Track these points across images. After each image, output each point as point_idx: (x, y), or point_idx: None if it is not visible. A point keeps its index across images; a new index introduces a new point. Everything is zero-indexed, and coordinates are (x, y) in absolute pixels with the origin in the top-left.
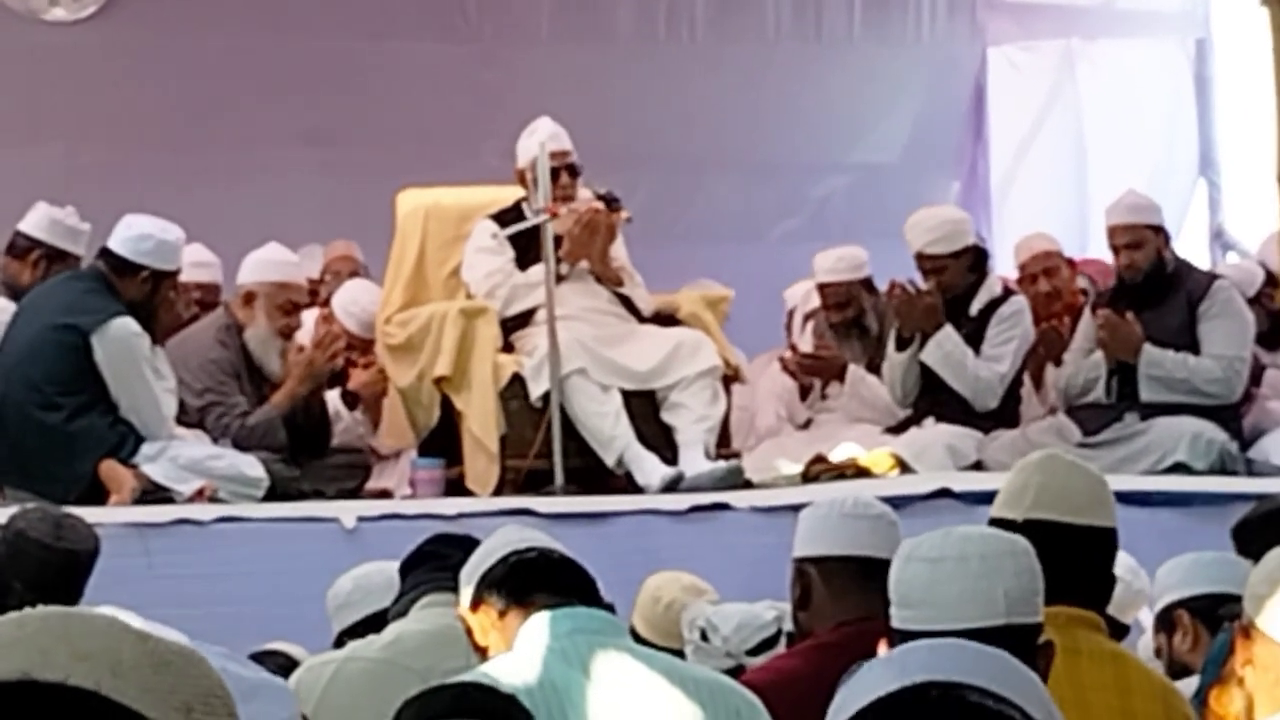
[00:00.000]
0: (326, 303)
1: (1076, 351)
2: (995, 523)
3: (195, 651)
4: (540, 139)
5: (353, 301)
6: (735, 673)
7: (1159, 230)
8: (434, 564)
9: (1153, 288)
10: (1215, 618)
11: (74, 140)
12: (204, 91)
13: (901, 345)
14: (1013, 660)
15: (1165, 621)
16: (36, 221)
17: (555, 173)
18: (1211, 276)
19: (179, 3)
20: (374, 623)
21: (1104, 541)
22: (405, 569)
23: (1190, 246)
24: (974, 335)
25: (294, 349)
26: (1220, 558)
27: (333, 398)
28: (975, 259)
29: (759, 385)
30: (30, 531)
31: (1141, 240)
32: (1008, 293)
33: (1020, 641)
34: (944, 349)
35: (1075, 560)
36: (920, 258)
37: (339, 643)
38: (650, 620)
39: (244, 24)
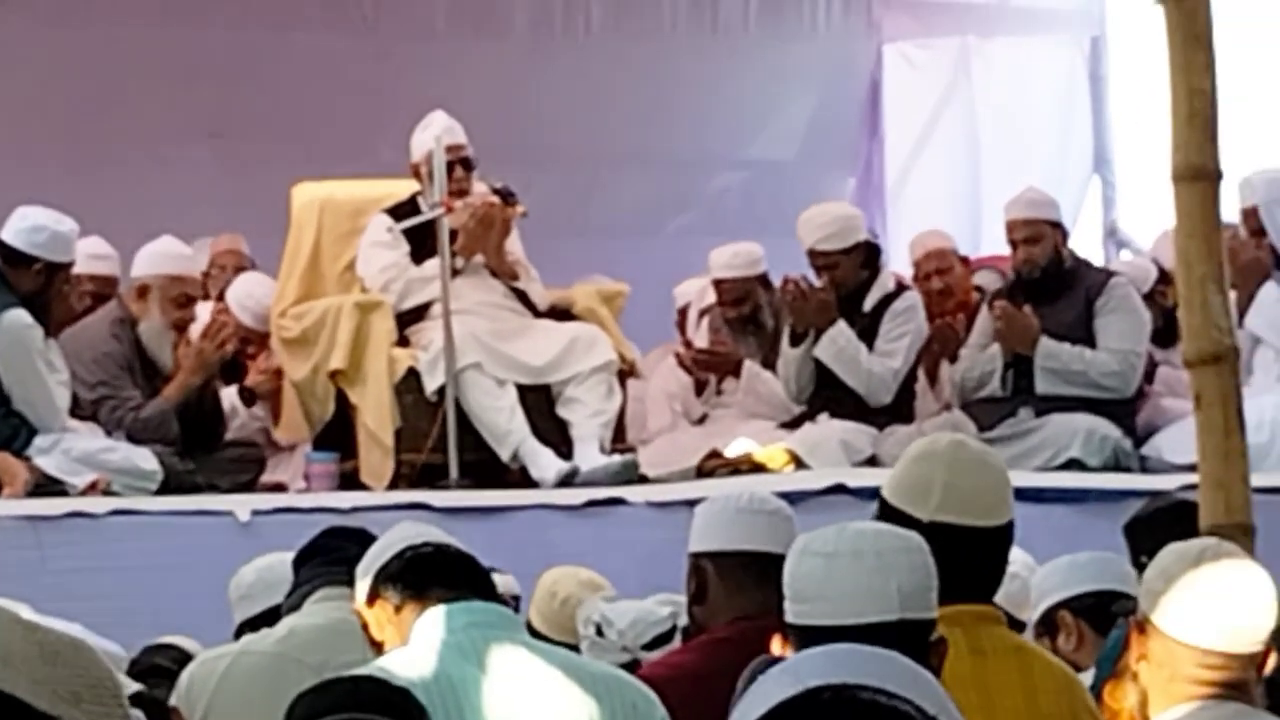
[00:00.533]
0: (220, 296)
1: (973, 346)
2: (895, 514)
3: (84, 642)
4: (435, 133)
5: (247, 295)
6: (631, 667)
7: (1057, 226)
8: (327, 557)
9: (1050, 283)
10: (1098, 615)
11: None
12: (100, 83)
13: (795, 341)
14: (906, 660)
15: (1048, 624)
16: None
17: (450, 166)
18: (1108, 273)
19: None
20: (274, 615)
21: (1005, 537)
22: (299, 562)
23: (1084, 243)
24: (868, 331)
25: (184, 342)
26: (1096, 557)
27: (229, 394)
28: (867, 255)
29: (652, 381)
30: None
31: (1039, 235)
32: (900, 288)
33: (913, 637)
34: (837, 345)
35: (977, 559)
36: (812, 254)
37: (239, 634)
38: (546, 615)
39: (139, 15)
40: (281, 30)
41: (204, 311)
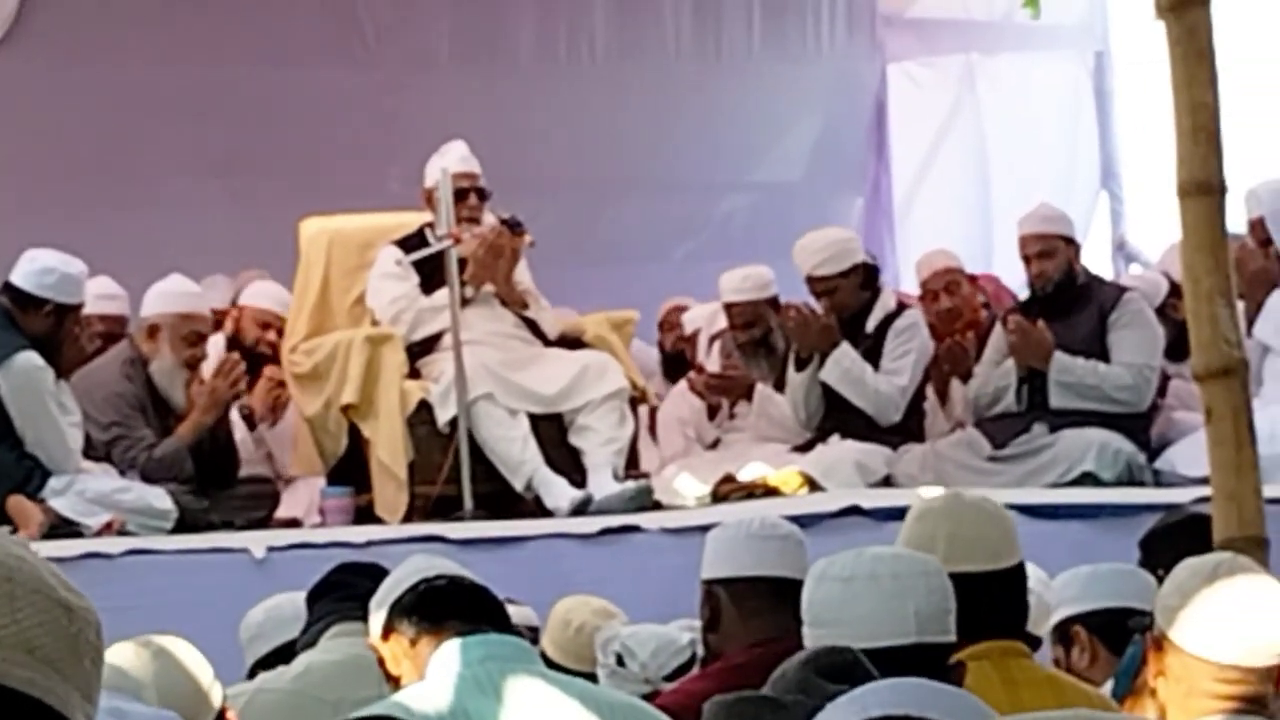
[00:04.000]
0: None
1: (987, 363)
2: None
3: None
4: (443, 163)
5: (260, 288)
6: (650, 697)
7: (1070, 241)
8: (341, 593)
9: (1063, 298)
10: (1112, 633)
11: None
12: (106, 122)
13: (801, 366)
14: (971, 698)
15: (1062, 635)
16: None
17: (464, 193)
18: (1121, 288)
19: (80, 34)
20: (286, 653)
21: (1017, 576)
22: (312, 598)
23: (1093, 258)
24: (872, 351)
25: (196, 380)
26: (1115, 570)
27: (239, 424)
28: (866, 276)
29: (664, 407)
30: None
31: (1053, 250)
32: (902, 307)
33: (931, 661)
34: (842, 366)
35: (993, 600)
36: (811, 280)
37: (252, 673)
38: (561, 644)
39: (145, 53)
40: (285, 65)
41: (215, 348)
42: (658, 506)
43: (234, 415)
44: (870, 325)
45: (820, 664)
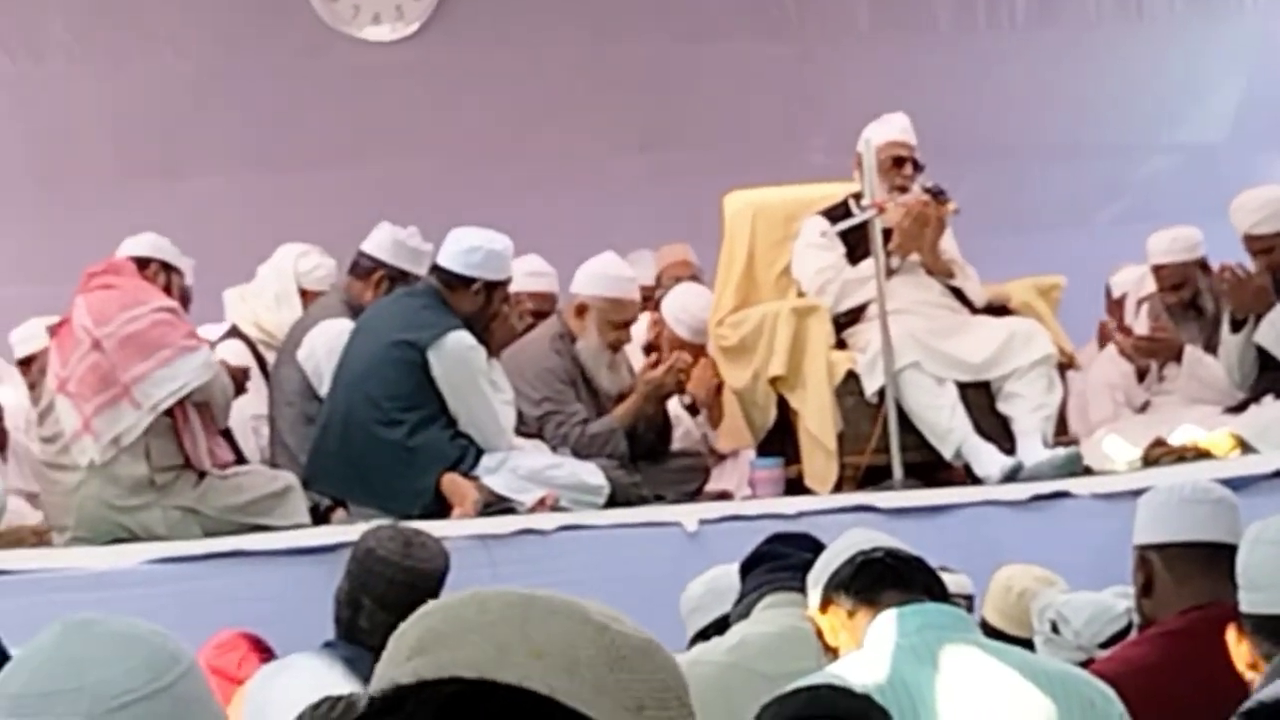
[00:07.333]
0: (659, 306)
1: None
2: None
3: (652, 641)
4: (868, 134)
5: (682, 309)
6: (1085, 664)
7: None
8: (773, 563)
9: None
10: None
11: (400, 157)
12: (526, 101)
13: (1236, 328)
14: None
15: None
16: (379, 242)
17: (900, 161)
18: None
19: (498, 15)
20: (723, 625)
21: None
22: (745, 569)
23: None
24: None
25: (622, 362)
26: None
27: (672, 404)
28: None
29: (1091, 371)
30: (379, 550)
31: None
32: None
33: None
34: (1277, 328)
35: None
36: (1248, 239)
37: (691, 645)
38: (1002, 609)
39: (563, 33)
40: (705, 40)
41: (640, 324)
42: (1088, 472)
43: (675, 402)
44: None
45: None
